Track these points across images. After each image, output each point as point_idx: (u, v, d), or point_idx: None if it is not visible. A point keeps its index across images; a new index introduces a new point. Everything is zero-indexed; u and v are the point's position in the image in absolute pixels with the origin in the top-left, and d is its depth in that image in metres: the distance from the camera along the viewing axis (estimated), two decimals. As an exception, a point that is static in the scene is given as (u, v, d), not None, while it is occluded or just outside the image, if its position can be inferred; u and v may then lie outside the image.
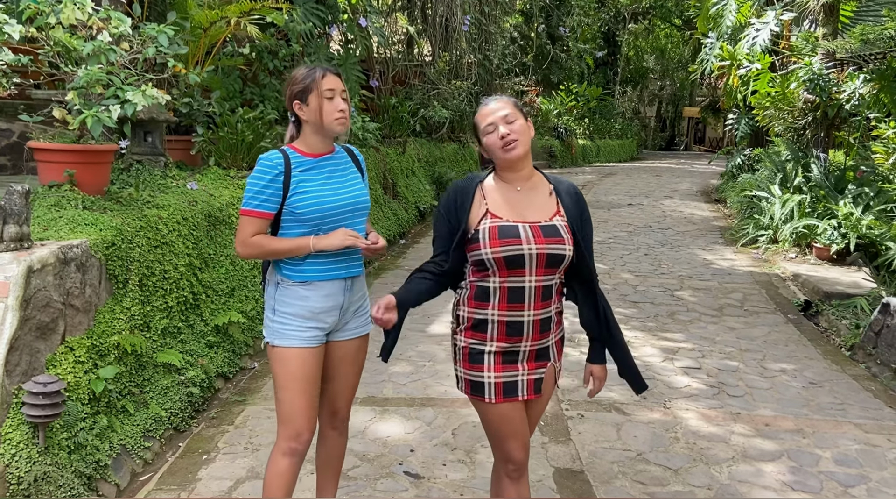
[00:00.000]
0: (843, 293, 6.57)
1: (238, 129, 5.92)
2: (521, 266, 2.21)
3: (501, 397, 2.29)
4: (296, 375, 2.49)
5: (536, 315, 2.27)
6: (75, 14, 3.76)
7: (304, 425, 2.52)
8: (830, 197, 8.60)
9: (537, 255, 2.21)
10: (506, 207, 2.29)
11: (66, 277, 3.31)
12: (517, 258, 2.20)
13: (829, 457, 3.74)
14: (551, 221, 2.28)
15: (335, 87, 2.45)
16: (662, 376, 4.78)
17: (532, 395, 2.34)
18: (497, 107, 2.30)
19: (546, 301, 2.28)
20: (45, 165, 4.05)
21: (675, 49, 31.89)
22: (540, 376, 2.35)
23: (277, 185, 2.43)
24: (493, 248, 2.21)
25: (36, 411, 2.90)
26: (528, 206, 2.31)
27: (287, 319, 2.50)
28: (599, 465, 3.60)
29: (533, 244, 2.21)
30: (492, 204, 2.30)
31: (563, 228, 2.28)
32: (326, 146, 2.56)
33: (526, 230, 2.23)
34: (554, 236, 2.24)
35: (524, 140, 2.28)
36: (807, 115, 10.00)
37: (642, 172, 19.37)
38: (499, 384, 2.29)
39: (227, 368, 4.57)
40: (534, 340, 2.30)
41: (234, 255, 5.14)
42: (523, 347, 2.30)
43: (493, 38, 14.20)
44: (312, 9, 8.13)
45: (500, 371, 2.29)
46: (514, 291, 2.24)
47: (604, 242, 9.40)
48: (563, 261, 2.25)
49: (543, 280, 2.25)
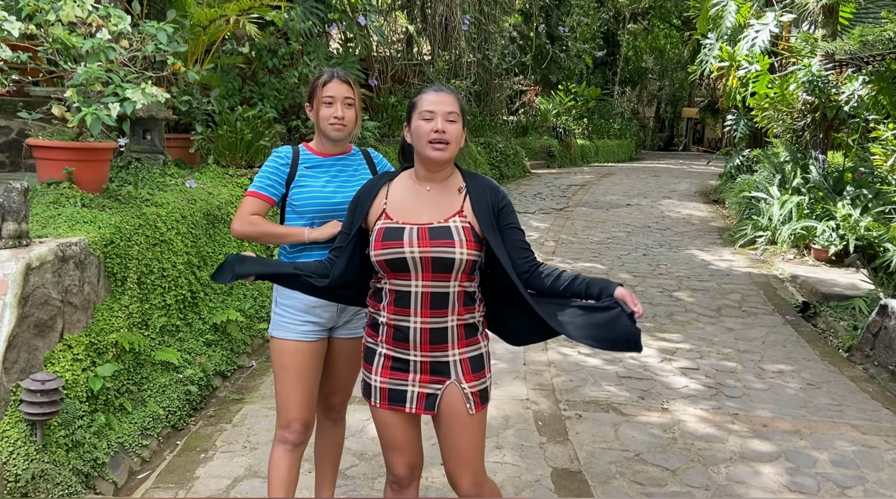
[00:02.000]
0: (841, 295, 6.58)
1: (237, 127, 5.92)
2: (406, 270, 2.11)
3: (386, 403, 2.21)
4: (289, 366, 2.57)
5: (425, 323, 2.13)
6: (75, 11, 3.76)
7: (295, 416, 2.57)
8: (829, 198, 8.61)
9: (421, 258, 2.09)
10: (403, 208, 2.18)
11: (65, 274, 3.30)
12: (399, 262, 2.10)
13: (826, 458, 3.75)
14: (446, 222, 2.14)
15: (335, 94, 2.52)
16: (660, 377, 4.79)
17: (422, 410, 2.20)
18: (444, 99, 2.15)
19: (438, 310, 2.13)
20: (43, 163, 4.04)
21: (674, 49, 31.91)
22: (434, 391, 2.18)
23: (282, 174, 2.56)
24: (375, 250, 2.13)
25: (34, 409, 2.90)
26: (429, 207, 2.18)
27: (285, 311, 2.58)
28: (597, 465, 3.60)
29: (416, 247, 2.09)
30: (391, 204, 2.20)
31: (460, 229, 2.13)
32: (334, 148, 2.63)
33: (411, 233, 2.11)
34: (442, 239, 2.10)
35: (454, 146, 2.16)
36: (806, 116, 10.01)
37: (641, 173, 19.39)
38: (384, 389, 2.21)
39: (226, 366, 4.56)
40: (423, 351, 2.16)
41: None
42: (412, 357, 2.17)
43: (492, 37, 14.21)
44: (311, 7, 8.12)
45: (386, 377, 2.21)
46: (400, 295, 2.14)
47: (602, 243, 9.41)
48: (453, 265, 2.09)
49: (433, 286, 2.11)
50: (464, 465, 2.22)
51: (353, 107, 2.56)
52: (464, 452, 2.22)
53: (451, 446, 2.23)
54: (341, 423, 2.85)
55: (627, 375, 4.80)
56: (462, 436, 2.21)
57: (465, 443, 2.21)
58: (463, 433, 2.20)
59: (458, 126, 2.16)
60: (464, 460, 2.23)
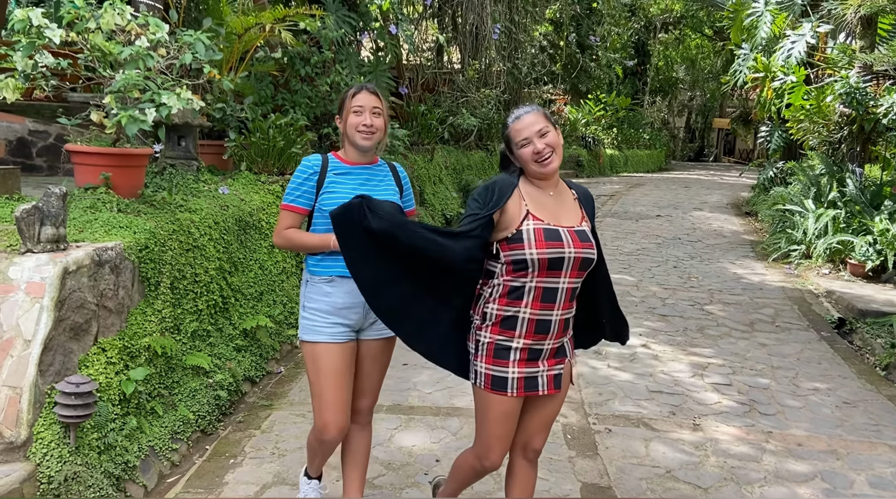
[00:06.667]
0: (878, 311, 6.43)
1: (269, 134, 5.96)
2: (560, 268, 2.31)
3: (523, 391, 2.40)
4: (321, 369, 2.65)
5: (562, 315, 2.38)
6: (115, 20, 3.82)
7: (331, 419, 2.66)
8: (866, 212, 8.43)
9: (574, 258, 2.32)
10: (543, 211, 2.36)
11: (101, 278, 3.35)
12: (558, 261, 2.30)
13: (863, 479, 3.65)
14: (580, 226, 2.40)
15: (364, 104, 2.65)
16: (692, 392, 4.71)
17: (552, 390, 2.43)
18: (531, 121, 2.35)
19: (572, 302, 2.41)
20: (81, 168, 4.11)
21: (706, 59, 31.59)
22: (559, 371, 2.45)
23: (312, 183, 2.66)
24: (538, 249, 2.28)
25: (68, 411, 2.93)
26: (561, 211, 2.40)
27: (313, 315, 2.66)
28: (627, 481, 3.54)
29: (572, 248, 2.32)
30: (532, 206, 2.36)
31: (589, 233, 2.41)
32: (362, 157, 2.73)
33: (566, 235, 2.33)
34: (586, 242, 2.37)
35: (559, 152, 2.37)
36: (842, 128, 9.83)
37: (671, 183, 19.19)
38: (521, 379, 2.38)
39: (254, 372, 4.59)
40: (556, 338, 2.40)
41: (262, 259, 5.18)
42: (546, 345, 2.39)
43: (522, 46, 14.19)
44: (345, 16, 8.18)
45: (523, 367, 2.38)
46: (548, 291, 2.33)
47: (632, 254, 9.31)
48: (591, 264, 2.38)
49: (574, 282, 2.37)
50: (546, 429, 2.55)
51: (380, 116, 2.68)
52: (549, 425, 2.56)
53: (551, 413, 2.53)
54: (368, 428, 2.90)
55: (658, 389, 4.73)
56: (555, 408, 2.54)
57: (559, 409, 2.56)
58: (557, 405, 2.54)
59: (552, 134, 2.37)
60: (548, 426, 2.55)
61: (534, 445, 2.56)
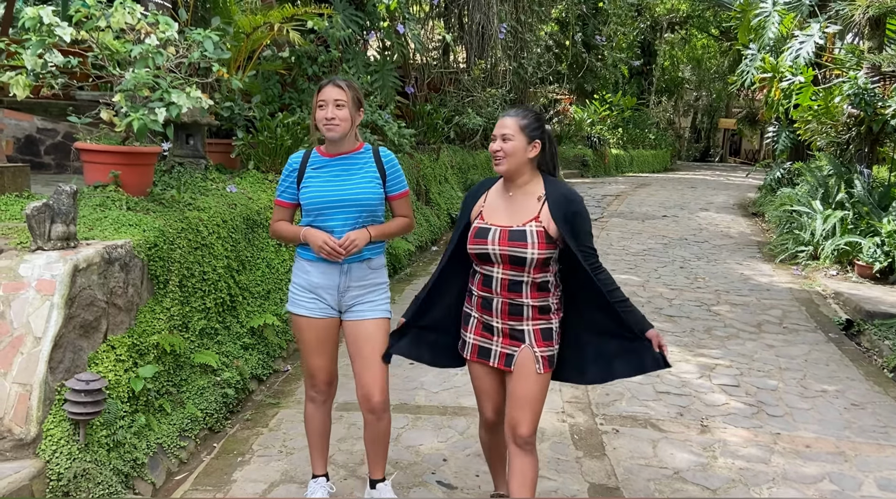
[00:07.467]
0: (886, 313, 6.40)
1: (277, 133, 5.97)
2: (489, 261, 2.65)
3: (475, 356, 2.77)
4: (302, 338, 2.98)
5: (504, 299, 2.66)
6: (125, 18, 3.82)
7: (315, 375, 3.00)
8: (874, 214, 8.40)
9: (500, 254, 2.61)
10: (491, 211, 2.70)
11: (110, 276, 3.35)
12: (484, 255, 2.64)
13: (871, 481, 3.63)
14: (521, 226, 2.61)
15: (327, 98, 2.79)
16: (699, 394, 4.70)
17: (502, 365, 2.70)
18: (502, 123, 2.64)
19: (514, 292, 2.64)
20: (90, 166, 4.12)
21: (712, 60, 31.49)
22: (511, 352, 2.68)
23: (293, 179, 2.92)
24: (469, 244, 2.69)
25: (77, 409, 2.94)
26: (508, 211, 2.66)
27: (296, 289, 2.97)
28: (635, 482, 3.53)
29: (496, 246, 2.61)
30: (486, 207, 2.73)
31: (534, 233, 2.58)
32: (336, 148, 2.90)
33: (495, 233, 2.62)
34: (517, 241, 2.59)
35: (511, 159, 2.62)
36: (850, 129, 9.78)
37: (677, 184, 19.14)
38: (475, 345, 2.77)
39: (262, 370, 4.59)
40: (503, 320, 2.67)
41: (270, 258, 5.19)
42: (495, 323, 2.70)
43: (528, 46, 14.16)
44: (352, 15, 8.19)
45: (478, 335, 2.76)
46: (486, 277, 2.69)
47: (638, 254, 9.29)
48: (525, 261, 2.58)
49: (509, 274, 2.63)
50: (527, 409, 2.66)
51: (344, 107, 2.79)
52: (530, 401, 2.67)
53: (521, 395, 2.67)
54: (385, 416, 3.00)
55: (665, 391, 4.72)
56: (530, 388, 2.67)
57: (532, 394, 2.67)
58: (530, 386, 2.67)
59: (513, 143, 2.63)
60: (528, 407, 2.67)
61: (520, 431, 2.67)
